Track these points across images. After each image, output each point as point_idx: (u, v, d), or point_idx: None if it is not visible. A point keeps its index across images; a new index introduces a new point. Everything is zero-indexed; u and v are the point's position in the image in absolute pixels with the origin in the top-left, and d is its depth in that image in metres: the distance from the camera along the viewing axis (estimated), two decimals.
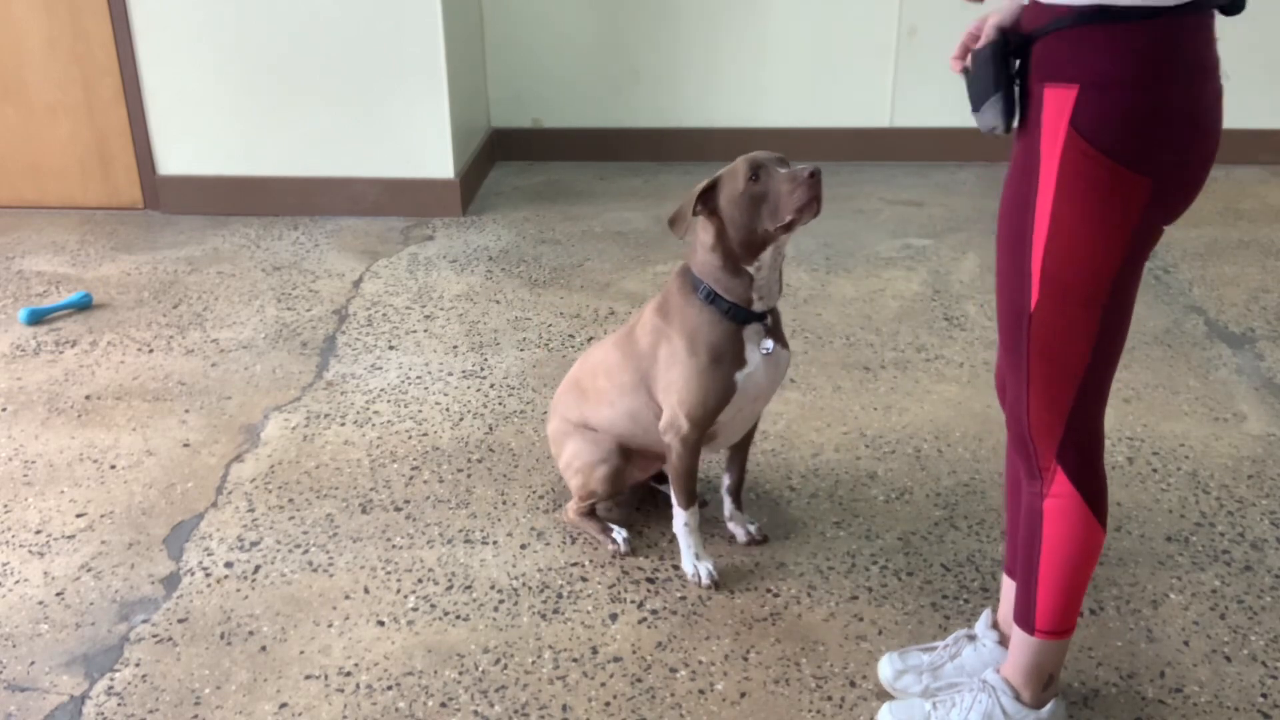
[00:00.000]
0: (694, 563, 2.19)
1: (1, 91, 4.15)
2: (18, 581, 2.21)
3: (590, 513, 2.32)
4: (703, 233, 2.02)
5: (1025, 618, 1.68)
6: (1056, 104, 1.42)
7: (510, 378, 2.98)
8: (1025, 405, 1.58)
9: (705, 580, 2.17)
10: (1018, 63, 1.48)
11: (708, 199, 1.99)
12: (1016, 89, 1.49)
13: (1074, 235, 1.45)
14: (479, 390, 2.92)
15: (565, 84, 4.76)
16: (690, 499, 2.16)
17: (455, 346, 3.17)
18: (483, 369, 3.03)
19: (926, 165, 4.70)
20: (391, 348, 3.17)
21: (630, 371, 2.16)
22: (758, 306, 2.04)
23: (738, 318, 2.03)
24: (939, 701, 1.79)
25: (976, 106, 1.50)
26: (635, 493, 2.45)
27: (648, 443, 2.21)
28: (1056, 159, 1.43)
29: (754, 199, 1.94)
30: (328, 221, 4.18)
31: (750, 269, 2.01)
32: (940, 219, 4.13)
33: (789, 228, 1.94)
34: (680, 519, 2.19)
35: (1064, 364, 1.52)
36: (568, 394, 2.32)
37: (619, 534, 2.27)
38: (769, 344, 2.07)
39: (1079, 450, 1.57)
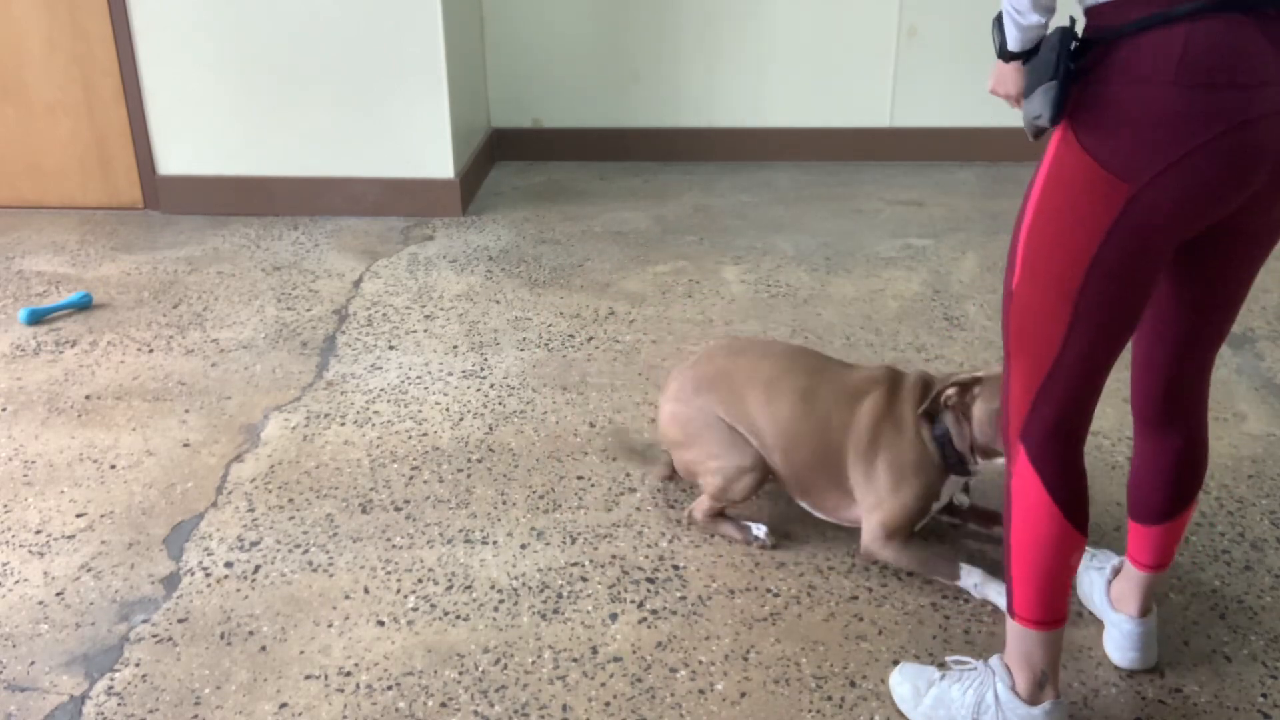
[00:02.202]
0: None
1: (1, 91, 4.15)
2: (18, 581, 2.21)
3: (721, 513, 2.31)
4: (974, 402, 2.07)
5: (1008, 600, 1.71)
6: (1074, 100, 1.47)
7: (510, 378, 2.98)
8: (1006, 378, 1.64)
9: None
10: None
11: (963, 393, 2.07)
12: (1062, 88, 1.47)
13: (1052, 223, 1.50)
14: (479, 390, 2.92)
15: (565, 84, 4.76)
16: (952, 570, 2.13)
17: (455, 346, 3.17)
18: (483, 369, 3.03)
19: (926, 165, 4.70)
20: (391, 348, 3.17)
21: (813, 439, 2.17)
22: (972, 469, 2.14)
23: (954, 470, 2.12)
24: (947, 674, 1.83)
25: (1029, 92, 1.50)
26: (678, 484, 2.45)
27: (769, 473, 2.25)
28: (1055, 147, 1.49)
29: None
30: (328, 221, 4.18)
31: (979, 462, 2.11)
32: (940, 219, 4.13)
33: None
34: (968, 583, 2.12)
35: (1035, 346, 1.56)
36: (714, 383, 2.27)
37: (758, 529, 2.27)
38: (965, 499, 2.23)
39: (1043, 435, 1.60)
